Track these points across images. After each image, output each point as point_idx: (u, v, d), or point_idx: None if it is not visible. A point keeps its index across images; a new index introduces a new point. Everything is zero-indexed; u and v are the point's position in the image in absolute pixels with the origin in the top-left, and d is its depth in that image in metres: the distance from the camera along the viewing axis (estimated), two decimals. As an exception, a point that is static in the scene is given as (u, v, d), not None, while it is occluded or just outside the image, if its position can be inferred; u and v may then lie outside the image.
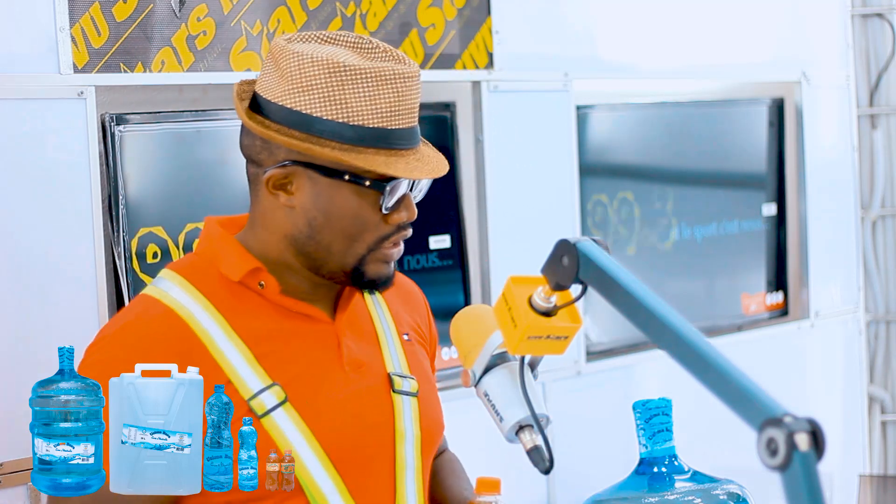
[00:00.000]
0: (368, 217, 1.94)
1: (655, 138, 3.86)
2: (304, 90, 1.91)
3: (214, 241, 2.01)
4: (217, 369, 1.89)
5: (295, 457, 1.90)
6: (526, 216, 3.38)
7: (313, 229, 1.94)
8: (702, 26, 3.95)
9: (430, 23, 3.19)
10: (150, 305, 1.95)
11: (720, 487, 2.16)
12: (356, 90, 1.90)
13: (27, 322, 2.48)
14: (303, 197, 1.93)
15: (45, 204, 2.52)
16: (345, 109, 1.90)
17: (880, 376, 4.65)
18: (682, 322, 1.66)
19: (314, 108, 1.90)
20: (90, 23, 2.59)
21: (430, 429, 2.07)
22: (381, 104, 1.91)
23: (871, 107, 4.58)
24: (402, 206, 1.95)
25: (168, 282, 1.97)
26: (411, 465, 2.02)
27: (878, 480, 4.50)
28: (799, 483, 1.44)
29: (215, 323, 1.92)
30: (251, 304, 1.96)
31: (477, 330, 1.95)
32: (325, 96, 1.90)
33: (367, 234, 1.94)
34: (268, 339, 1.94)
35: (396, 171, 1.90)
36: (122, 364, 1.82)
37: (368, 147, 1.91)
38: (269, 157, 1.94)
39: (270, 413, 1.90)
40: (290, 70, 1.91)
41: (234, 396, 1.88)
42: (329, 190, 1.92)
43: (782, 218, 4.23)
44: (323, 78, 1.90)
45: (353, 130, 1.90)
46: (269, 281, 1.96)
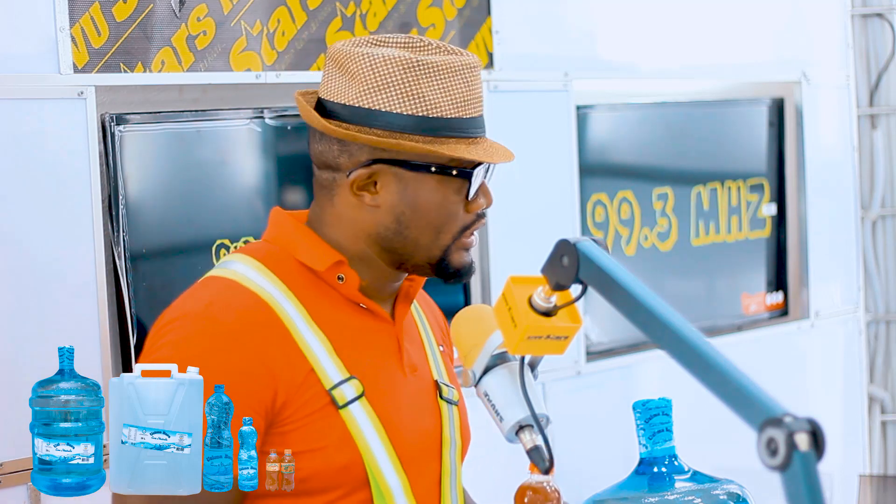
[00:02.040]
0: (453, 207, 1.96)
1: (655, 138, 3.86)
2: (380, 89, 1.92)
3: (290, 229, 2.00)
4: (301, 357, 1.89)
5: (368, 451, 1.90)
6: (526, 216, 3.38)
7: (401, 225, 1.95)
8: (702, 26, 3.95)
9: (430, 23, 3.19)
10: (230, 285, 1.92)
11: (720, 487, 2.16)
12: (431, 84, 1.92)
13: (27, 322, 2.48)
14: (389, 195, 1.94)
15: (45, 204, 2.52)
16: (423, 103, 1.92)
17: (880, 376, 4.65)
18: (682, 322, 1.66)
19: (394, 105, 1.92)
20: (90, 23, 2.59)
21: (466, 439, 2.10)
22: (456, 95, 1.94)
23: (871, 107, 4.58)
24: (480, 194, 1.99)
25: (242, 265, 1.95)
26: (454, 470, 2.04)
27: (878, 480, 4.50)
28: (799, 483, 1.44)
29: (296, 310, 1.91)
30: (326, 296, 1.96)
31: (477, 330, 1.95)
32: (403, 92, 1.92)
33: (453, 224, 1.97)
34: (343, 331, 1.94)
35: (482, 157, 1.94)
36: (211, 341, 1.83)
37: (449, 137, 1.94)
38: (349, 159, 1.94)
39: (349, 405, 1.90)
40: (363, 71, 1.93)
41: (316, 386, 1.88)
42: (415, 184, 1.94)
43: (782, 218, 4.23)
44: (399, 75, 1.92)
45: (433, 122, 1.93)
46: (349, 275, 1.96)
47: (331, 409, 1.89)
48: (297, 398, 1.87)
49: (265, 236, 2.02)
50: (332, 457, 1.88)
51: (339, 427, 1.89)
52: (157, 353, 1.86)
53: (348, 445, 1.89)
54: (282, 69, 2.91)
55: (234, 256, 1.98)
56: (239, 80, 2.83)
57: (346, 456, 1.89)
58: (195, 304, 1.91)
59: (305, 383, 1.88)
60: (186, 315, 1.89)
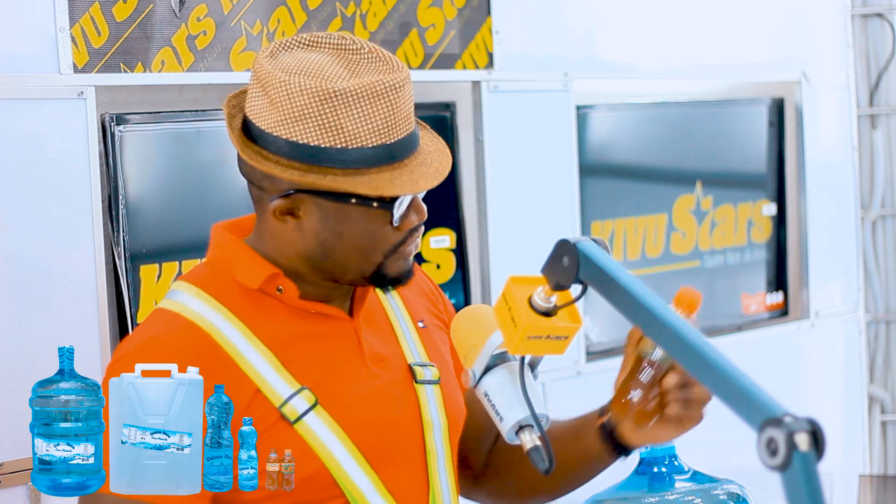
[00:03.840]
0: (380, 231, 1.92)
1: (655, 138, 3.86)
2: (297, 120, 1.87)
3: (226, 248, 1.99)
4: (245, 380, 1.88)
5: (331, 459, 1.89)
6: (526, 216, 3.38)
7: (326, 249, 1.93)
8: (702, 26, 3.95)
9: (430, 23, 3.19)
10: (171, 319, 1.92)
11: (720, 487, 2.16)
12: (350, 113, 1.87)
13: (27, 322, 2.48)
14: (311, 221, 1.91)
15: (45, 204, 2.52)
16: (342, 135, 1.87)
17: (880, 376, 4.65)
18: (682, 322, 1.66)
19: (311, 137, 1.87)
20: (90, 23, 2.59)
21: (455, 415, 2.07)
22: (377, 121, 1.88)
23: (871, 107, 4.58)
24: (411, 211, 1.94)
25: (184, 294, 1.95)
26: (441, 453, 2.02)
27: (878, 480, 4.50)
28: (799, 483, 1.44)
29: (238, 332, 1.90)
30: (270, 310, 1.95)
31: (477, 330, 1.95)
32: (320, 124, 1.87)
33: (382, 245, 1.93)
34: (290, 343, 1.93)
35: (403, 189, 1.89)
36: None
37: (370, 168, 1.89)
38: (271, 184, 1.91)
39: (303, 418, 1.89)
40: (280, 99, 1.88)
41: (265, 405, 1.87)
42: (337, 213, 1.90)
43: (782, 218, 4.23)
44: (315, 106, 1.86)
45: (353, 154, 1.88)
46: (287, 286, 1.95)
47: (283, 425, 1.88)
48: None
49: (207, 257, 2.02)
50: (258, 468, 1.85)
51: (295, 441, 1.87)
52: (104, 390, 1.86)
53: (309, 458, 1.88)
54: (282, 69, 2.91)
55: (176, 285, 1.98)
56: (239, 80, 2.83)
57: (309, 468, 1.88)
58: (134, 342, 1.93)
59: (252, 405, 1.87)
60: (126, 354, 1.89)
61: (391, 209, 1.90)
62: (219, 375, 1.85)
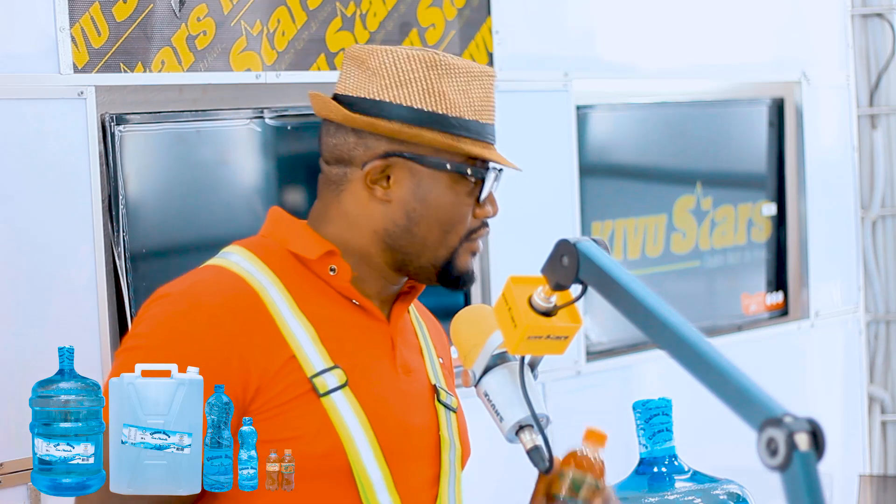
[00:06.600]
0: (464, 208, 1.97)
1: (655, 138, 3.86)
2: (401, 84, 1.94)
3: (285, 224, 2.01)
4: (283, 343, 1.89)
5: (349, 440, 1.89)
6: (526, 216, 3.38)
7: (411, 221, 1.96)
8: (702, 26, 3.95)
9: (430, 23, 3.19)
10: (220, 271, 1.94)
11: (720, 487, 2.16)
12: (452, 84, 1.94)
13: (27, 322, 2.48)
14: (401, 189, 1.95)
15: (45, 204, 2.52)
16: (444, 101, 1.94)
17: (880, 376, 4.65)
18: (682, 322, 1.66)
19: (414, 100, 1.93)
20: (90, 23, 2.59)
21: (466, 446, 2.09)
22: (475, 98, 1.96)
23: (871, 107, 4.58)
24: (488, 201, 2.00)
25: (237, 255, 1.97)
26: (453, 473, 2.03)
27: (878, 480, 4.50)
28: (799, 483, 1.44)
29: (283, 299, 1.92)
30: (317, 289, 1.96)
31: (477, 330, 1.95)
32: (424, 89, 1.94)
33: (461, 226, 1.98)
34: (331, 323, 1.94)
35: (498, 160, 1.96)
36: (188, 321, 1.85)
37: (466, 138, 1.95)
38: (364, 151, 1.95)
39: (331, 394, 1.89)
40: (385, 67, 1.94)
41: (297, 373, 1.88)
42: (429, 180, 1.95)
43: (782, 218, 4.23)
44: (420, 72, 1.94)
45: (453, 121, 1.94)
46: (341, 266, 1.96)
47: (311, 397, 1.89)
48: (273, 385, 1.87)
49: (262, 231, 2.03)
50: (311, 444, 1.87)
51: (319, 414, 1.88)
52: (138, 326, 1.90)
53: (328, 433, 1.88)
54: (282, 69, 2.91)
55: (229, 248, 2.00)
56: (239, 80, 2.83)
57: (326, 444, 1.88)
58: (181, 284, 1.94)
59: (284, 370, 1.88)
60: (171, 293, 1.92)
61: (483, 180, 1.97)
62: (258, 331, 1.87)
